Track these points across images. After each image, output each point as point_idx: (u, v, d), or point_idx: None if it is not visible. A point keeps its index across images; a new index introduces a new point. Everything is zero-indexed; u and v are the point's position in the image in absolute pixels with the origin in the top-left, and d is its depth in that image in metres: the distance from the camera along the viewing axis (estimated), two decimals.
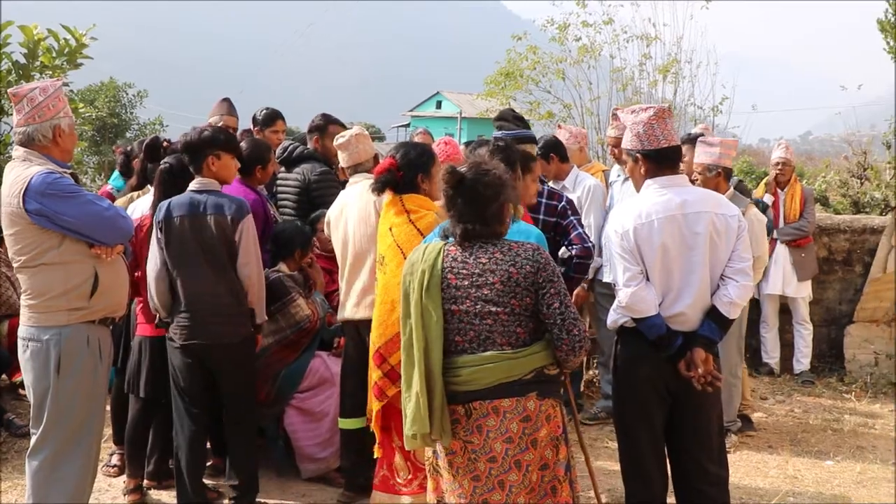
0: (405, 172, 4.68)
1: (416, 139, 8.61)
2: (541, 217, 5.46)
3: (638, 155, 4.34)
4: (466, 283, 3.53)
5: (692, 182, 5.48)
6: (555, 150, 6.99)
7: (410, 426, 3.54)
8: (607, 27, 16.90)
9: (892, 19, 18.21)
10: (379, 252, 4.72)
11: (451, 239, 3.67)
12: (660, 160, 4.31)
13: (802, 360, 8.90)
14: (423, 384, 3.49)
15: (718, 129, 16.67)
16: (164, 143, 5.92)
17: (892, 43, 17.99)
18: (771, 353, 8.94)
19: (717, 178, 6.37)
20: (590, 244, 5.52)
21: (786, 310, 8.92)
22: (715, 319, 4.25)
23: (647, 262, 4.20)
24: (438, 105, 66.93)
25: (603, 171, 7.83)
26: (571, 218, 5.54)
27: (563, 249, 5.65)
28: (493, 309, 3.51)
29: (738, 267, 4.26)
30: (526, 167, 4.82)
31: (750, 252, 4.37)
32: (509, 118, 5.78)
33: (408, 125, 60.12)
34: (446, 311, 3.55)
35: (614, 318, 4.39)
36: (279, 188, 6.85)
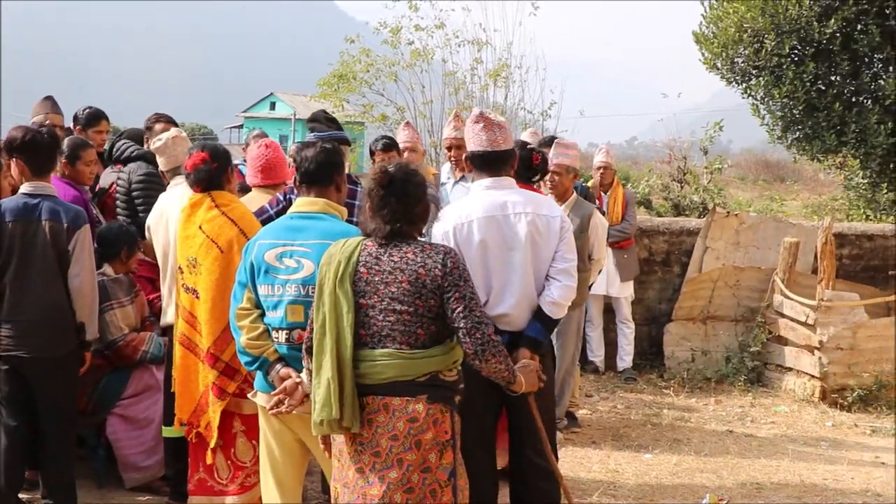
0: (219, 165, 4.65)
1: (252, 141, 8.48)
2: (354, 219, 5.40)
3: (466, 156, 4.49)
4: (377, 278, 3.58)
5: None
6: (397, 148, 7.08)
7: (319, 412, 3.54)
8: (439, 31, 17.10)
9: (707, 32, 19.15)
10: (186, 257, 4.61)
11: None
12: (482, 163, 4.43)
13: (625, 357, 9.22)
14: (335, 371, 3.52)
15: (547, 134, 17.08)
16: None
17: (707, 55, 18.93)
18: (596, 352, 9.21)
19: (573, 179, 6.60)
20: None
21: (609, 309, 9.21)
22: (540, 320, 4.36)
23: (469, 262, 4.24)
24: (272, 106, 66.20)
25: (434, 174, 7.90)
26: None
27: None
28: (398, 307, 3.56)
29: (562, 267, 4.39)
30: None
31: (574, 253, 4.48)
32: (321, 119, 5.74)
33: (241, 126, 59.19)
34: (355, 304, 3.58)
35: None
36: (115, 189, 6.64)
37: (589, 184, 9.07)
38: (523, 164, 5.39)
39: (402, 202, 3.64)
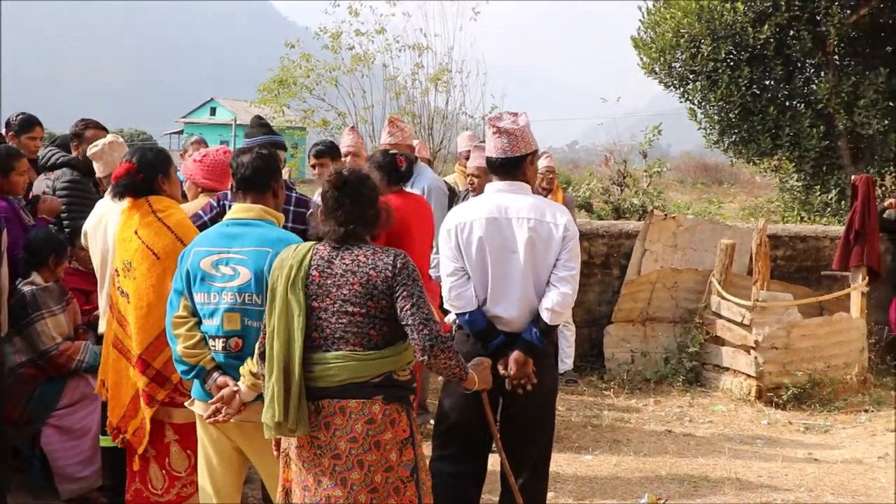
0: (145, 175, 4.56)
1: (190, 147, 8.42)
2: (289, 225, 5.38)
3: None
4: (329, 281, 3.61)
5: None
6: (339, 155, 7.06)
7: (264, 414, 3.59)
8: (380, 36, 17.09)
9: (645, 37, 19.39)
10: (123, 259, 4.56)
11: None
12: (494, 168, 4.60)
13: (566, 360, 9.28)
14: (280, 374, 3.54)
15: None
16: None
17: (645, 59, 19.17)
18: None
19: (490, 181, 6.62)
20: None
21: None
22: (537, 325, 4.43)
23: (468, 261, 4.41)
24: (213, 112, 65.65)
25: None
26: None
27: None
28: (350, 309, 3.59)
29: (562, 275, 4.44)
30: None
31: (577, 262, 4.52)
32: (255, 125, 5.75)
33: (181, 132, 58.58)
34: (307, 307, 3.61)
35: (451, 317, 4.63)
36: None
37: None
38: (389, 168, 5.73)
39: (356, 204, 3.68)
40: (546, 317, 4.42)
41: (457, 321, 4.61)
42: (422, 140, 12.73)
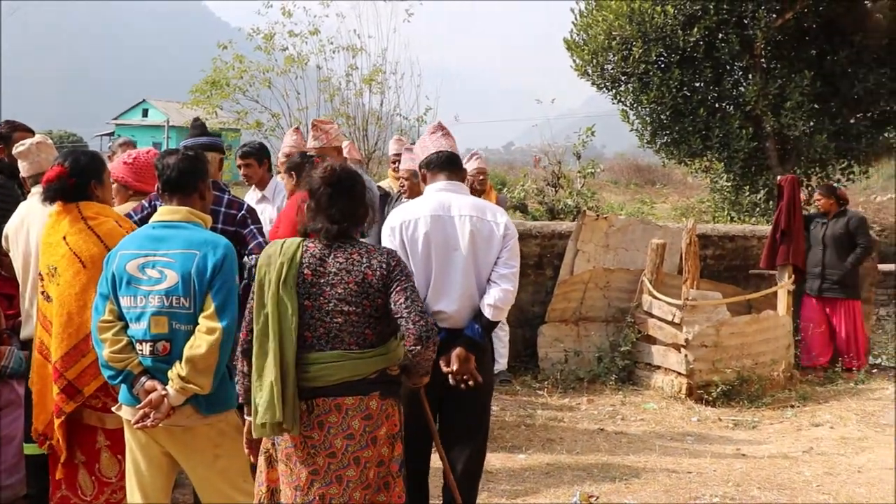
0: (77, 179, 4.48)
1: (118, 149, 8.30)
2: (219, 226, 5.35)
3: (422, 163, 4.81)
4: (322, 280, 3.64)
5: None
6: (269, 157, 7.03)
7: (262, 415, 3.56)
8: (314, 37, 17.03)
9: (578, 39, 19.57)
10: (48, 264, 4.49)
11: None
12: (442, 163, 4.73)
13: (500, 360, 9.31)
14: (278, 373, 3.55)
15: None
16: None
17: (578, 61, 19.36)
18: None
19: (419, 184, 6.65)
20: None
21: None
22: (479, 321, 4.51)
23: (413, 257, 4.47)
24: (145, 113, 64.76)
25: None
26: (252, 227, 5.50)
27: (245, 259, 5.65)
28: (346, 308, 3.62)
29: (503, 272, 4.54)
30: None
31: (517, 260, 4.64)
32: (193, 127, 5.71)
33: (112, 133, 57.66)
34: (299, 306, 3.62)
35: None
36: None
37: None
38: (302, 171, 5.75)
39: (350, 201, 3.74)
40: (489, 313, 4.50)
41: None
42: (353, 141, 12.69)
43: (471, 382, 4.43)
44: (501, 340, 9.27)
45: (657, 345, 9.12)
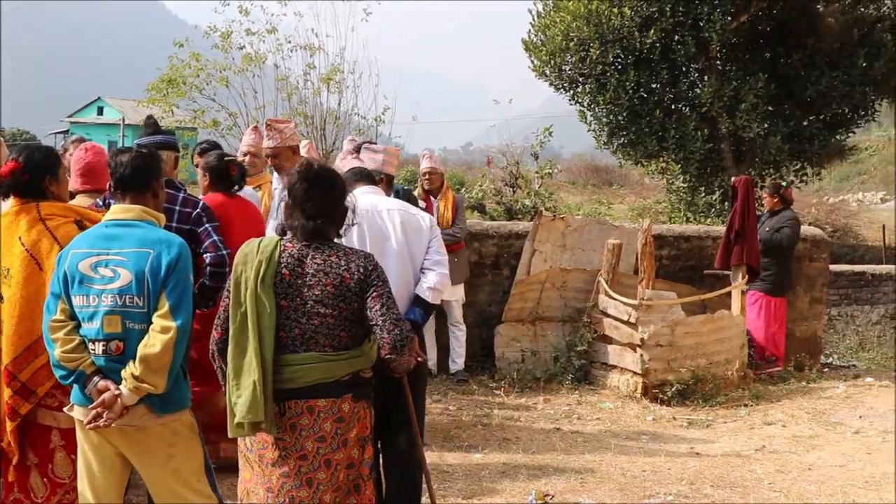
0: (31, 176, 4.42)
1: (71, 146, 8.20)
2: (174, 225, 5.32)
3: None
4: (299, 281, 3.63)
5: None
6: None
7: (244, 415, 3.55)
8: (271, 36, 16.96)
9: (535, 40, 19.67)
10: (2, 265, 4.43)
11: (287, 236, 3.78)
12: (363, 177, 5.15)
13: (457, 359, 9.36)
14: (260, 372, 3.54)
15: (382, 139, 17.20)
16: None
17: (536, 62, 19.46)
18: (428, 354, 9.26)
19: (379, 183, 6.65)
20: (224, 252, 5.43)
21: (441, 312, 9.32)
22: (419, 305, 4.75)
23: None
24: (100, 111, 64.02)
25: (269, 180, 7.83)
26: (206, 225, 5.47)
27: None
28: (322, 310, 3.62)
29: (436, 258, 4.88)
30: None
31: (444, 248, 5.00)
32: (146, 125, 5.67)
33: (67, 132, 56.98)
34: (276, 306, 3.61)
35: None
36: None
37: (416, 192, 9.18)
38: (221, 174, 5.98)
39: (327, 198, 3.74)
40: (429, 296, 4.77)
41: None
42: (311, 141, 12.65)
43: (419, 363, 4.55)
44: (458, 340, 9.31)
45: (613, 344, 9.18)
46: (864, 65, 18.33)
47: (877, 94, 19.61)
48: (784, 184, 10.91)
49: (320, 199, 3.71)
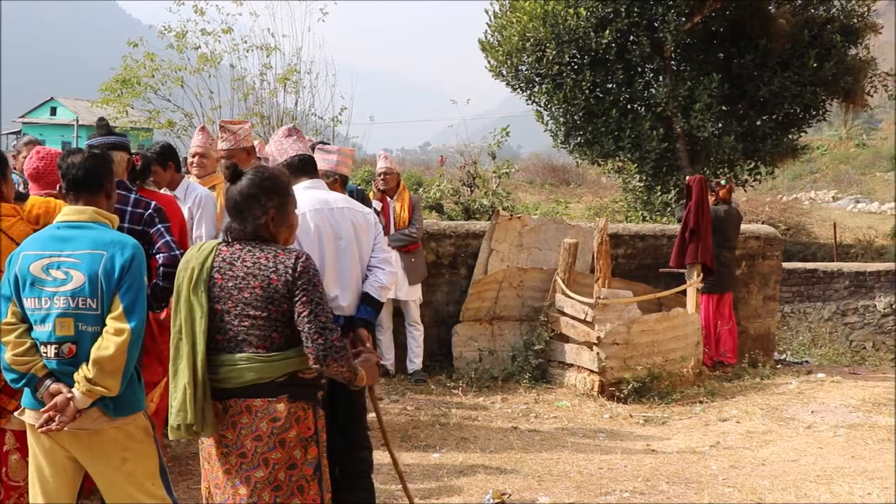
0: None
1: (24, 148, 8.10)
2: (126, 226, 5.28)
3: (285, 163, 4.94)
4: (230, 284, 3.66)
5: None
6: (173, 157, 6.89)
7: (175, 416, 3.62)
8: (227, 36, 16.85)
9: (492, 40, 19.72)
10: None
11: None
12: (303, 166, 4.97)
13: (415, 359, 9.37)
14: (191, 376, 3.60)
15: (339, 139, 17.18)
16: None
17: (492, 62, 19.51)
18: (386, 355, 9.31)
19: (333, 184, 6.64)
20: (178, 252, 5.40)
21: (399, 312, 9.34)
22: (369, 303, 4.80)
23: (308, 251, 4.53)
24: (53, 111, 63.21)
25: (223, 182, 7.79)
26: (159, 226, 5.43)
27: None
28: (252, 312, 3.63)
29: (383, 256, 4.92)
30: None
31: (388, 246, 5.15)
32: (99, 125, 5.62)
33: (19, 132, 56.17)
34: (210, 309, 3.65)
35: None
36: None
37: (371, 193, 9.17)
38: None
39: (248, 201, 3.74)
40: (378, 294, 4.82)
41: None
42: (262, 141, 12.58)
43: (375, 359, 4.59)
44: (416, 340, 9.33)
45: (570, 343, 9.24)
46: (815, 65, 18.59)
47: (827, 94, 19.89)
48: (723, 182, 11.04)
49: (251, 202, 3.74)
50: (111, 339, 3.75)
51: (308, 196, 4.78)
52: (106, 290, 3.79)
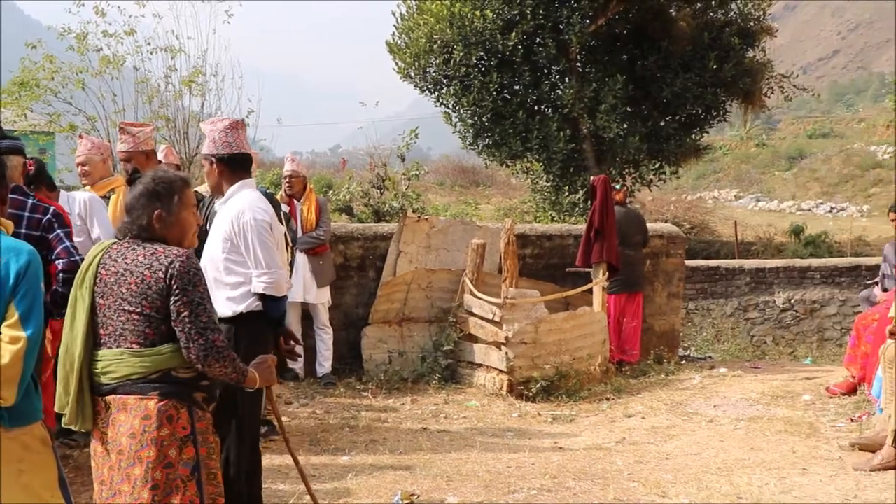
0: None
1: None
2: (23, 231, 5.16)
3: (213, 159, 4.99)
4: (112, 279, 3.71)
5: None
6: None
7: (56, 406, 3.76)
8: (130, 38, 16.53)
9: (400, 42, 19.72)
10: None
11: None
12: (234, 164, 4.98)
13: (324, 363, 9.33)
14: (65, 369, 3.73)
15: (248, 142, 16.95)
16: None
17: (400, 64, 19.52)
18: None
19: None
20: (77, 258, 5.29)
21: (307, 315, 9.29)
22: (271, 300, 4.95)
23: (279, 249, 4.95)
24: None
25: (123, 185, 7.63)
26: (58, 231, 5.32)
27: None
28: (128, 307, 3.68)
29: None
30: None
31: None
32: None
33: None
34: (95, 305, 3.73)
35: (242, 306, 4.88)
36: None
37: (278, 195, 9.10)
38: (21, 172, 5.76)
39: (148, 200, 3.80)
40: (272, 290, 5.01)
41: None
42: (170, 145, 12.38)
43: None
44: (325, 343, 9.29)
45: (479, 343, 9.30)
46: (715, 67, 19.02)
47: (727, 95, 20.38)
48: (617, 187, 11.25)
49: (140, 201, 3.82)
50: (6, 348, 3.65)
51: (261, 197, 5.01)
52: (0, 298, 3.70)
